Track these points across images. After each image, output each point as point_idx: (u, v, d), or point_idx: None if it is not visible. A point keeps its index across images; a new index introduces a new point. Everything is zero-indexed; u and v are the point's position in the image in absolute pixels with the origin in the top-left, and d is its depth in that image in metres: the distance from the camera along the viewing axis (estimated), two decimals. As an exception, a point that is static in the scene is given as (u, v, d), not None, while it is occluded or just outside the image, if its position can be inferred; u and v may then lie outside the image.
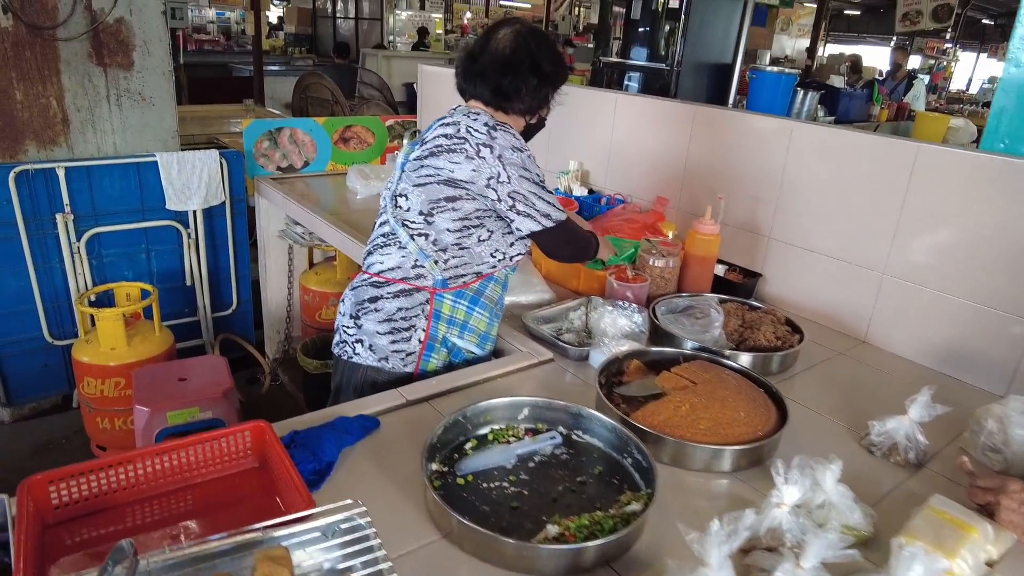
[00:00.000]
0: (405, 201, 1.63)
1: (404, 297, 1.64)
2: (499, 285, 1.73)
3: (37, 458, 2.89)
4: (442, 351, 1.70)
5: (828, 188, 2.01)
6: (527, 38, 1.62)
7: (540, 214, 1.60)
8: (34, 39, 2.70)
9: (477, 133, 1.55)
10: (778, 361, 1.73)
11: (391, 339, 1.65)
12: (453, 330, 1.68)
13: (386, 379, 1.65)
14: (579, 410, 1.34)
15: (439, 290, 1.64)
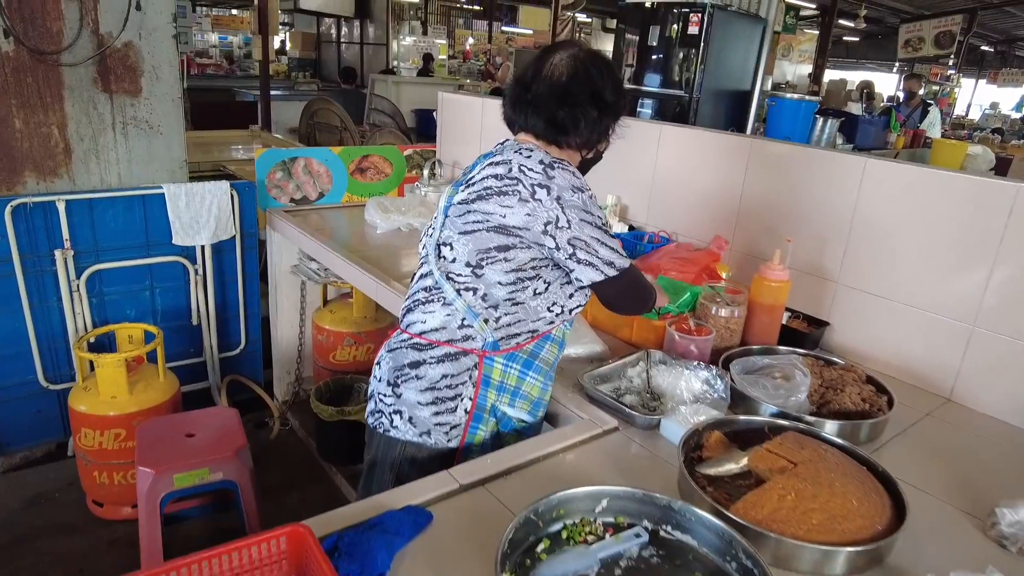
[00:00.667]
0: (450, 251, 1.44)
1: (450, 362, 1.45)
2: (556, 345, 1.55)
3: (29, 513, 2.67)
4: (490, 421, 1.52)
5: (907, 230, 1.83)
6: (586, 63, 1.46)
7: (603, 262, 1.43)
8: (36, 64, 2.53)
9: (532, 172, 1.38)
10: (867, 429, 1.53)
11: (434, 410, 1.46)
12: (503, 397, 1.50)
13: (427, 455, 1.46)
14: (669, 502, 1.14)
15: (489, 353, 1.46)
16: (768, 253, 2.11)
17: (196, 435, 2.18)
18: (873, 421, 1.51)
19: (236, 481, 2.09)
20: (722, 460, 1.36)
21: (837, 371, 1.70)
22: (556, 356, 1.57)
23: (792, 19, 12.00)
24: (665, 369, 1.64)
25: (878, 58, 20.59)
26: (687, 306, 1.84)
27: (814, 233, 2.01)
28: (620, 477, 1.32)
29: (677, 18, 5.36)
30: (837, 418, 1.55)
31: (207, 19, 14.03)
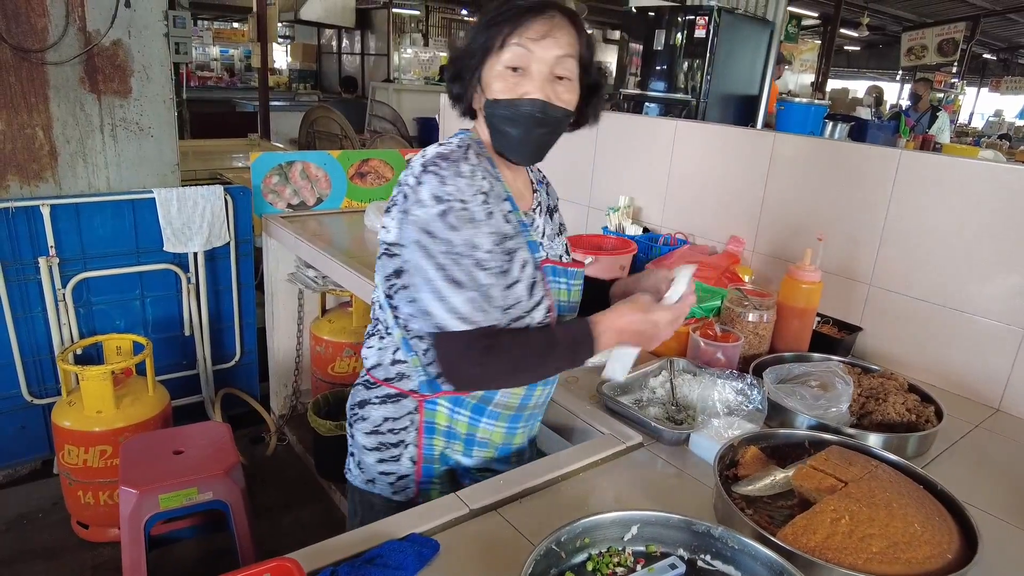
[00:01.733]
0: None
1: (391, 404, 1.26)
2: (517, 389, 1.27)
3: (11, 535, 2.52)
4: (442, 470, 1.30)
5: (946, 227, 1.69)
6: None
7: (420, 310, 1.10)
8: (20, 63, 2.42)
9: (408, 176, 1.13)
10: (915, 442, 1.39)
11: (378, 456, 1.29)
12: (455, 445, 1.28)
13: (381, 506, 1.30)
14: (708, 528, 1.00)
15: (428, 396, 1.23)
16: (793, 254, 1.99)
17: (185, 452, 2.04)
18: (922, 434, 1.37)
19: (227, 501, 1.95)
20: (761, 478, 1.22)
21: (877, 379, 1.56)
22: (525, 399, 1.28)
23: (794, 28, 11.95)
24: (692, 379, 1.50)
25: (880, 67, 20.56)
26: (715, 311, 1.71)
27: (843, 232, 1.88)
28: (647, 499, 1.18)
29: (683, 23, 5.27)
30: (880, 430, 1.41)
31: (208, 32, 13.99)
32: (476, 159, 1.13)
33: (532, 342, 1.14)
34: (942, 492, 1.15)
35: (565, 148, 2.78)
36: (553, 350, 1.14)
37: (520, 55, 1.10)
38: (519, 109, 1.11)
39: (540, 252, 1.21)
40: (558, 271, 1.24)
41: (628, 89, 5.84)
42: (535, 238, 1.22)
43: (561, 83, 1.13)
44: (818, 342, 1.77)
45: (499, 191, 1.16)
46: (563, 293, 1.25)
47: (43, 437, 2.75)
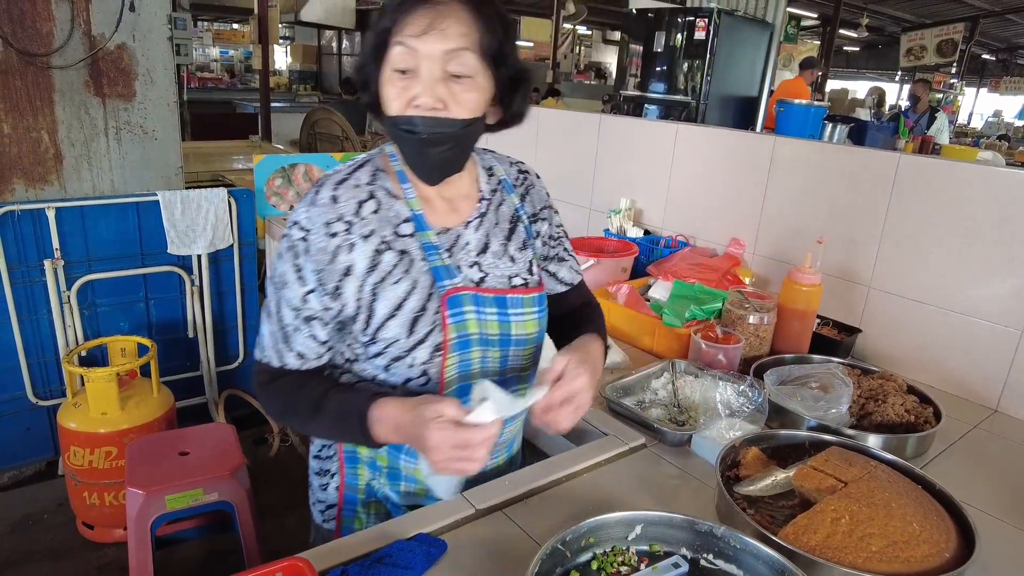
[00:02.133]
0: None
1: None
2: None
3: (16, 536, 2.54)
4: (369, 501, 1.22)
5: (945, 229, 1.71)
6: None
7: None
8: (25, 67, 2.44)
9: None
10: (914, 443, 1.41)
11: (319, 482, 1.25)
12: (380, 477, 1.19)
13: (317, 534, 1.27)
14: (711, 528, 1.02)
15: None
16: (793, 256, 2.01)
17: (190, 453, 2.05)
18: (921, 435, 1.39)
19: (232, 502, 1.97)
20: (762, 479, 1.24)
21: (876, 380, 1.58)
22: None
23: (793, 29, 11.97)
24: (693, 380, 1.52)
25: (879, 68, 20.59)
26: (716, 313, 1.73)
27: (843, 235, 1.90)
28: (650, 499, 1.20)
29: (683, 25, 5.29)
30: (880, 431, 1.43)
31: (208, 33, 14.01)
32: (366, 177, 1.06)
33: (302, 399, 1.05)
34: (940, 492, 1.17)
35: (566, 150, 2.80)
36: (317, 416, 1.04)
37: (404, 56, 0.95)
38: (403, 128, 0.97)
39: (452, 279, 1.06)
40: (482, 300, 1.08)
41: (628, 91, 5.87)
42: (444, 262, 1.07)
43: (459, 83, 0.96)
44: (818, 344, 1.79)
45: (397, 211, 1.05)
46: (490, 326, 1.09)
47: (48, 439, 2.77)
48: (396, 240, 1.05)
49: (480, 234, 1.12)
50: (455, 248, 1.10)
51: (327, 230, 1.01)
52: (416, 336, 1.04)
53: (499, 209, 1.17)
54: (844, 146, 2.01)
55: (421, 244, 1.06)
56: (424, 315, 1.05)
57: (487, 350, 1.11)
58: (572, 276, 1.30)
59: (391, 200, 1.07)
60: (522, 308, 1.13)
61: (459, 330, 1.07)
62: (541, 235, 1.22)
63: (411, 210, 1.07)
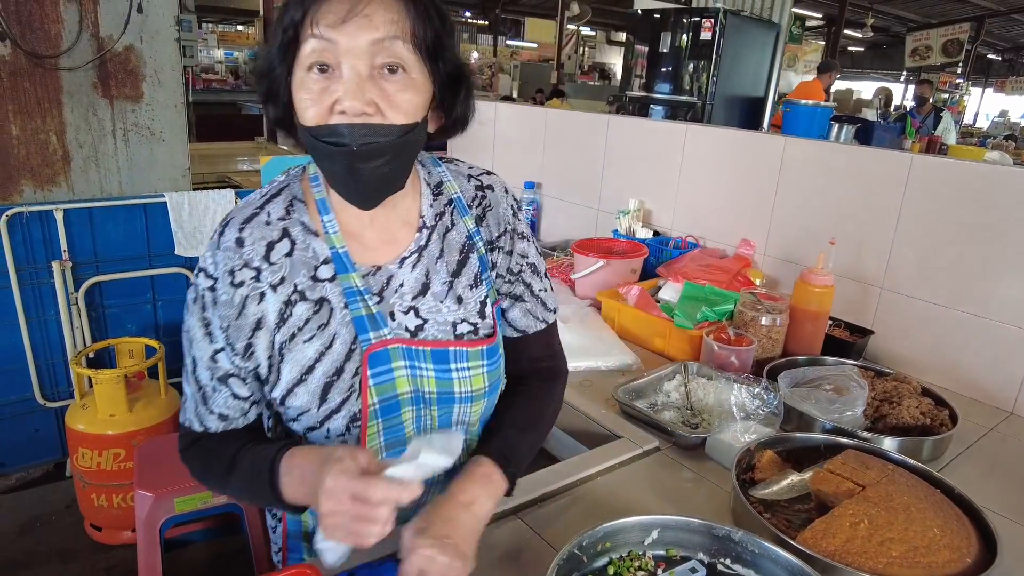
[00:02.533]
0: None
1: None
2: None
3: (25, 537, 2.54)
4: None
5: (958, 229, 1.70)
6: None
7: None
8: (34, 69, 2.44)
9: None
10: (931, 446, 1.39)
11: (270, 522, 1.14)
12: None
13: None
14: (728, 532, 1.01)
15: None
16: (804, 257, 2.00)
17: (198, 455, 2.05)
18: (937, 437, 1.38)
19: (241, 505, 1.96)
20: (777, 482, 1.23)
21: (891, 383, 1.57)
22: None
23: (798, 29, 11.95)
24: (706, 383, 1.51)
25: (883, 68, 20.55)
26: (728, 315, 1.71)
27: (855, 235, 1.89)
28: (665, 502, 1.19)
29: (688, 25, 5.28)
30: (895, 434, 1.42)
31: (213, 35, 14.06)
32: (280, 211, 0.90)
33: (221, 454, 0.91)
34: (959, 496, 1.15)
35: (574, 151, 2.79)
36: (232, 472, 0.90)
37: (319, 51, 0.78)
38: (325, 141, 0.79)
39: (379, 331, 0.90)
40: (415, 354, 0.92)
41: (633, 91, 5.85)
42: (370, 311, 0.90)
43: (391, 80, 0.80)
44: (830, 345, 1.77)
45: (315, 250, 0.89)
46: (426, 383, 0.94)
47: (56, 440, 2.77)
48: (313, 287, 0.89)
49: (418, 272, 0.94)
50: (386, 291, 0.92)
51: (231, 279, 0.86)
52: (329, 406, 0.89)
53: (446, 237, 0.97)
54: (855, 146, 1.99)
55: (343, 289, 0.90)
56: (339, 380, 0.89)
57: (424, 409, 0.95)
58: (529, 322, 1.05)
59: (308, 237, 0.90)
60: (467, 362, 0.94)
61: (383, 392, 0.91)
62: (497, 267, 1.01)
63: (332, 247, 0.90)
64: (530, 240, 1.06)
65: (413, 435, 0.96)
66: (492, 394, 1.00)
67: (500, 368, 1.00)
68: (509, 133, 3.06)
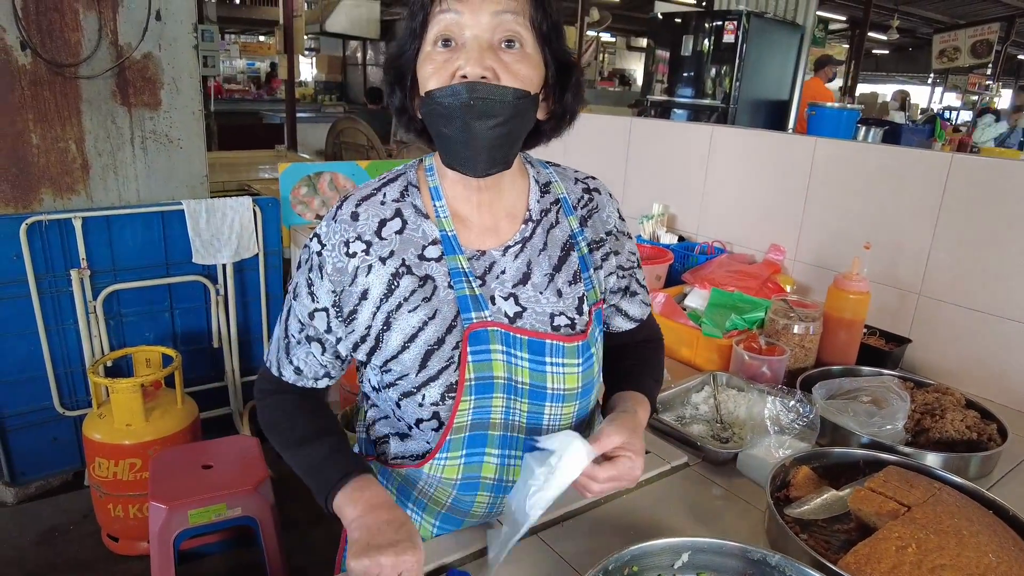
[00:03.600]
0: None
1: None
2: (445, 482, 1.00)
3: (42, 547, 2.52)
4: None
5: (1003, 232, 1.61)
6: None
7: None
8: (54, 77, 2.44)
9: None
10: (978, 463, 1.31)
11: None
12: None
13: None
14: (764, 556, 0.94)
15: (368, 457, 1.10)
16: (837, 263, 1.92)
17: (214, 467, 2.02)
18: (986, 453, 1.30)
19: (256, 517, 1.92)
20: (813, 499, 1.15)
21: (932, 394, 1.48)
22: (460, 503, 1.02)
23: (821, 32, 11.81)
24: (736, 394, 1.44)
25: (909, 70, 20.22)
26: (759, 323, 1.64)
27: (890, 239, 1.81)
28: (695, 522, 1.13)
29: (710, 29, 5.21)
30: (938, 449, 1.34)
31: (235, 46, 14.21)
32: (395, 194, 0.97)
33: (296, 425, 0.99)
34: (1014, 517, 1.07)
35: (595, 154, 2.73)
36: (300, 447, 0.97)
37: (447, 23, 0.85)
38: (445, 99, 0.84)
39: (480, 312, 0.94)
40: (512, 340, 0.95)
41: (655, 96, 5.79)
42: (474, 292, 0.94)
43: (509, 52, 0.85)
44: (865, 355, 1.69)
45: (425, 231, 0.95)
46: (520, 373, 0.95)
47: (75, 449, 2.75)
48: (419, 264, 0.94)
49: (520, 262, 0.98)
50: (488, 276, 0.96)
51: (346, 249, 0.94)
52: (427, 372, 0.93)
53: (550, 232, 1.01)
54: (889, 146, 1.92)
55: (448, 269, 0.94)
56: (439, 350, 0.93)
57: (513, 400, 0.96)
58: (642, 311, 1.14)
59: (419, 219, 0.96)
60: (562, 358, 0.97)
61: (480, 370, 0.93)
62: (607, 266, 1.05)
63: (441, 230, 0.95)
64: (633, 239, 1.14)
65: (500, 423, 0.97)
66: (584, 397, 1.01)
67: (593, 370, 1.02)
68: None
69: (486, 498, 1.02)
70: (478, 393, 0.94)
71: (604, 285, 1.05)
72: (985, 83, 14.06)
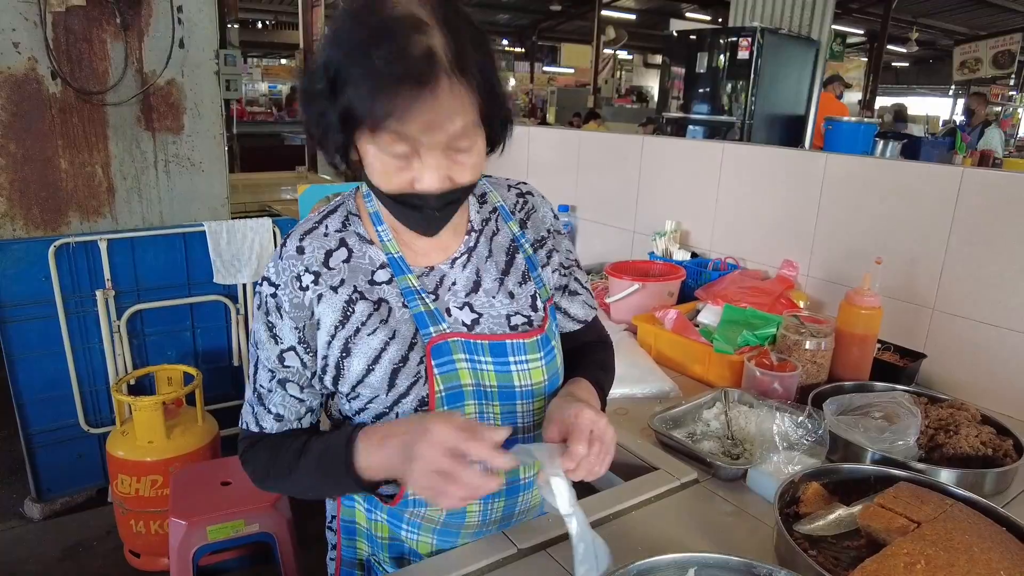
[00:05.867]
0: None
1: (331, 498, 1.16)
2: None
3: (66, 563, 2.57)
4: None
5: (1018, 247, 1.60)
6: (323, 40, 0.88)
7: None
8: (82, 105, 2.53)
9: None
10: (993, 479, 1.30)
11: (328, 554, 1.19)
12: (380, 554, 1.10)
13: None
14: (771, 572, 0.94)
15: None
16: (849, 278, 1.92)
17: (232, 483, 2.05)
18: (1002, 470, 1.28)
19: (273, 534, 1.95)
20: (823, 516, 1.15)
21: (946, 410, 1.47)
22: (453, 515, 1.04)
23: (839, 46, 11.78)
24: (747, 411, 1.44)
25: (930, 82, 20.08)
26: (770, 339, 1.65)
27: (903, 254, 1.80)
28: (704, 538, 1.13)
29: (725, 45, 5.23)
30: (952, 465, 1.33)
31: (257, 69, 14.52)
32: (337, 224, 0.98)
33: (287, 447, 0.97)
34: None
35: (608, 173, 2.75)
36: (300, 459, 0.95)
37: (404, 146, 0.82)
38: (410, 205, 0.87)
39: (438, 325, 0.97)
40: (474, 347, 0.98)
41: (671, 113, 5.81)
42: (428, 307, 0.97)
43: (461, 154, 0.86)
44: (879, 370, 1.69)
45: (371, 257, 0.97)
46: (486, 376, 0.99)
47: (99, 466, 2.81)
48: (371, 289, 0.96)
49: (469, 271, 1.01)
50: (440, 289, 0.99)
51: (299, 283, 0.94)
52: (397, 390, 0.95)
53: (493, 240, 1.04)
54: (900, 161, 1.92)
55: (400, 290, 0.97)
56: (405, 366, 0.95)
57: (485, 404, 1.00)
58: (586, 312, 1.17)
59: (364, 246, 0.98)
60: (525, 355, 1.00)
61: (448, 380, 0.96)
62: (552, 263, 1.09)
63: (387, 253, 0.98)
64: (568, 240, 1.18)
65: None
66: (552, 390, 1.04)
67: (556, 362, 1.05)
68: (543, 156, 3.04)
69: (476, 507, 1.04)
70: (450, 403, 0.97)
71: (551, 282, 1.09)
72: (1008, 94, 13.89)
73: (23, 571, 2.49)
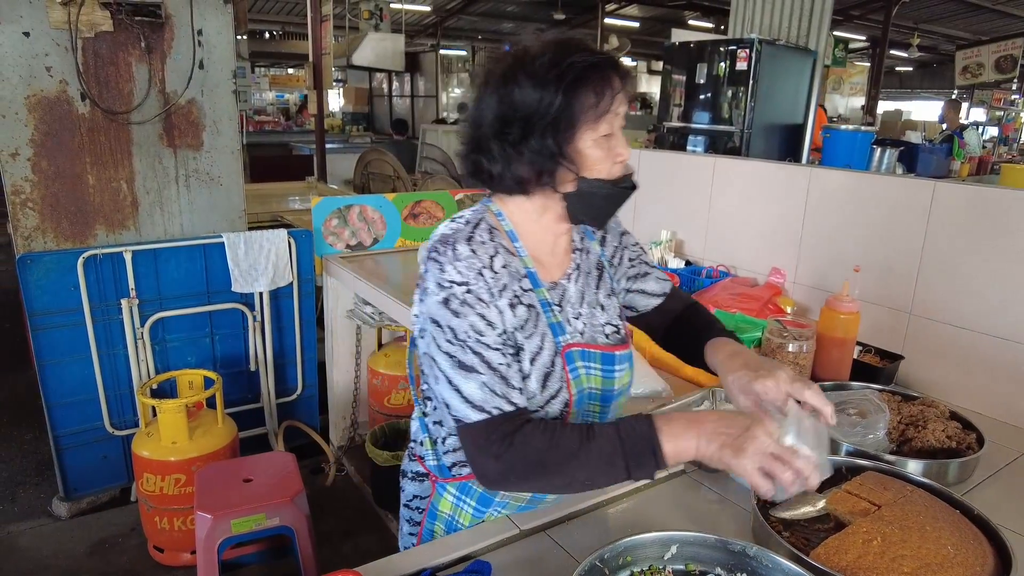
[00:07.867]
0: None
1: (418, 481, 1.26)
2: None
3: (93, 558, 2.70)
4: None
5: (985, 255, 1.72)
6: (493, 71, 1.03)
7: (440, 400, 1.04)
8: (109, 124, 2.67)
9: (421, 262, 1.09)
10: (956, 469, 1.41)
11: (408, 530, 1.29)
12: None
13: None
14: (743, 547, 1.06)
15: (439, 479, 1.21)
16: (834, 285, 2.04)
17: (253, 480, 2.18)
18: (963, 460, 1.40)
19: (292, 527, 2.07)
20: (799, 504, 1.27)
21: (917, 406, 1.59)
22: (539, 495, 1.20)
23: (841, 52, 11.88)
24: (733, 409, 1.56)
25: (933, 87, 20.11)
26: (756, 342, 1.77)
27: (882, 263, 1.92)
28: (689, 522, 1.25)
29: (724, 55, 5.35)
30: (921, 457, 1.44)
31: (265, 79, 14.72)
32: (486, 235, 1.06)
33: (568, 431, 0.98)
34: (978, 516, 1.18)
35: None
36: (590, 440, 0.96)
37: (612, 121, 1.03)
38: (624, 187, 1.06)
39: (565, 335, 1.10)
40: (589, 355, 1.12)
41: (672, 122, 5.93)
42: (558, 319, 1.10)
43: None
44: (859, 371, 1.80)
45: (516, 267, 1.08)
46: (594, 380, 1.13)
47: (123, 466, 2.94)
48: (524, 294, 1.07)
49: (579, 285, 1.17)
50: (563, 302, 1.13)
51: (482, 277, 1.02)
52: (549, 391, 1.07)
53: (587, 257, 1.21)
54: (881, 176, 2.04)
55: (539, 300, 1.09)
56: (553, 371, 1.08)
57: (590, 404, 1.14)
58: (661, 286, 1.33)
59: (511, 257, 1.08)
60: (626, 364, 1.18)
61: (578, 385, 1.11)
62: (623, 263, 1.28)
63: (526, 267, 1.09)
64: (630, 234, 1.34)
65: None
66: (629, 389, 1.23)
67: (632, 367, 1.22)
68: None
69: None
70: (578, 406, 1.12)
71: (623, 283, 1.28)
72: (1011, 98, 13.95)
73: (53, 566, 2.62)
